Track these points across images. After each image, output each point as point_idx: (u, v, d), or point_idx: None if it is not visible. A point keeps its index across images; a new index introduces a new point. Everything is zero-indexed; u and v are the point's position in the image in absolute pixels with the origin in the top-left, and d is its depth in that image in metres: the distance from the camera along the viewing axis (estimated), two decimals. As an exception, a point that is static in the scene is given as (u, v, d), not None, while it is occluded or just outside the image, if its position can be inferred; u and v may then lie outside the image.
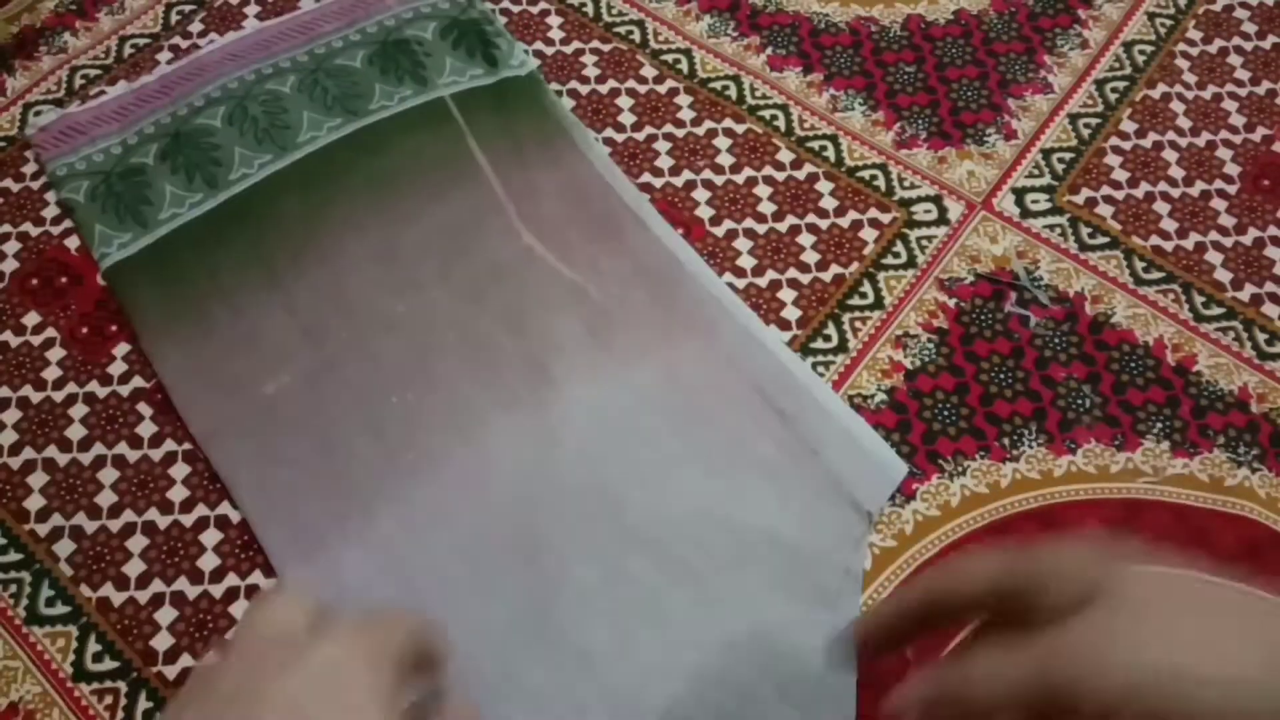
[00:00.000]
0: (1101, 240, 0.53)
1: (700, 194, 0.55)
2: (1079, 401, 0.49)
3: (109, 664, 0.44)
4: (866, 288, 0.52)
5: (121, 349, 0.51)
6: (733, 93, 0.58)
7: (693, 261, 0.52)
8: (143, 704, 0.43)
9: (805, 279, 0.52)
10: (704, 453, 0.47)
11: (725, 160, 0.56)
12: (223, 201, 0.53)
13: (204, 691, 0.31)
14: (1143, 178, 0.55)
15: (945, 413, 0.49)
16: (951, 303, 0.52)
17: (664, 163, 0.56)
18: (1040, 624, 0.30)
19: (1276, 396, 0.49)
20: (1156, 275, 0.52)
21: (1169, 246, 0.53)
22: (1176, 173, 0.55)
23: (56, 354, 0.51)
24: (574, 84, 0.58)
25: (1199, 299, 0.52)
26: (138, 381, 0.50)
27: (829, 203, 0.55)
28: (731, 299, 0.51)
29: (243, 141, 0.55)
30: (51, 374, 0.50)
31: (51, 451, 0.48)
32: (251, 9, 0.61)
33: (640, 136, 0.57)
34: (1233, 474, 0.47)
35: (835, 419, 0.47)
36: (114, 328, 0.51)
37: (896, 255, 0.53)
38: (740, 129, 0.57)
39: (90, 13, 0.62)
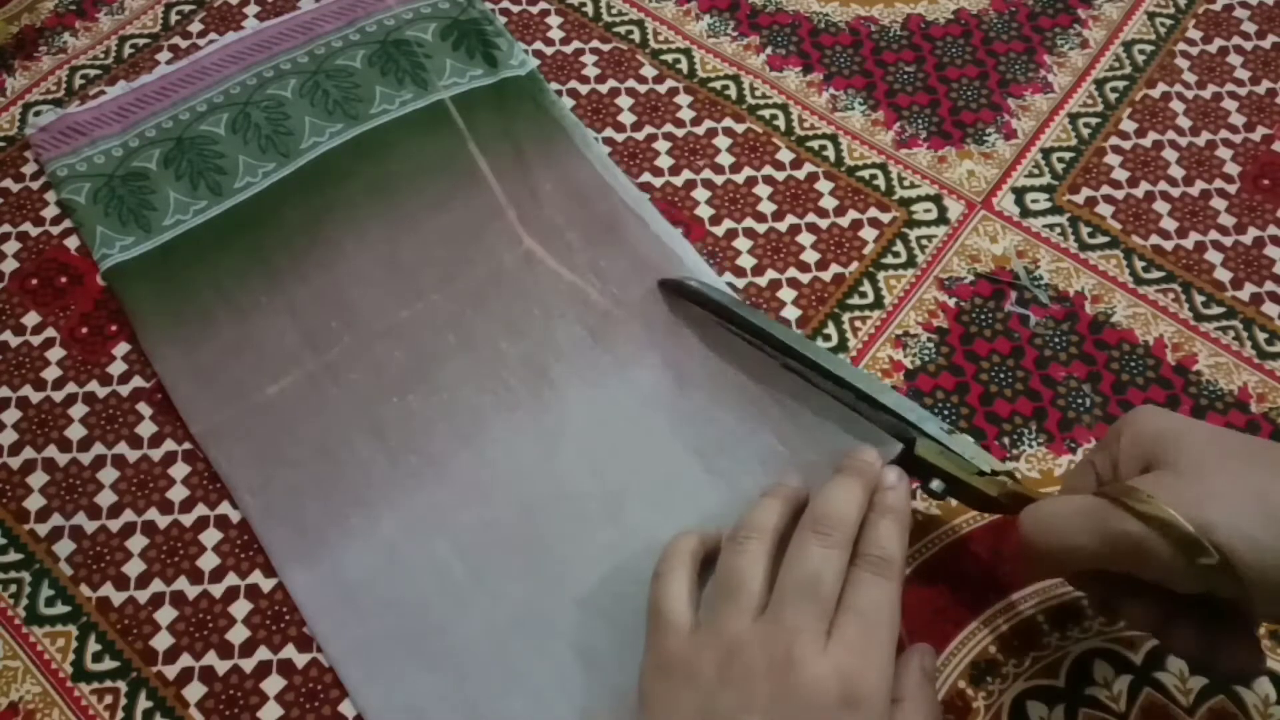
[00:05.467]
0: (1101, 240, 0.53)
1: (700, 193, 0.55)
2: (1079, 401, 0.49)
3: (109, 664, 0.44)
4: (866, 287, 0.52)
5: (121, 349, 0.51)
6: (732, 92, 0.58)
7: (691, 256, 0.52)
8: (143, 704, 0.43)
9: (805, 278, 0.52)
10: (705, 451, 0.47)
11: (725, 160, 0.56)
12: (227, 209, 0.54)
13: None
14: (1143, 177, 0.55)
15: (945, 412, 0.49)
16: (951, 302, 0.52)
17: (664, 162, 0.56)
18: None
19: (1276, 396, 0.49)
20: (1156, 275, 0.52)
21: (1169, 246, 0.53)
22: (1176, 172, 0.55)
23: (56, 354, 0.51)
24: (574, 84, 0.59)
25: (1199, 298, 0.52)
26: (138, 381, 0.50)
27: (829, 202, 0.55)
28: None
29: (246, 150, 0.55)
30: (51, 374, 0.50)
31: (51, 451, 0.48)
32: (251, 9, 0.61)
33: (640, 136, 0.57)
34: (1233, 473, 0.47)
35: (838, 402, 0.47)
36: (114, 328, 0.51)
37: (896, 255, 0.53)
38: (740, 129, 0.57)
39: (90, 13, 0.62)
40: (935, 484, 0.42)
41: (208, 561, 0.46)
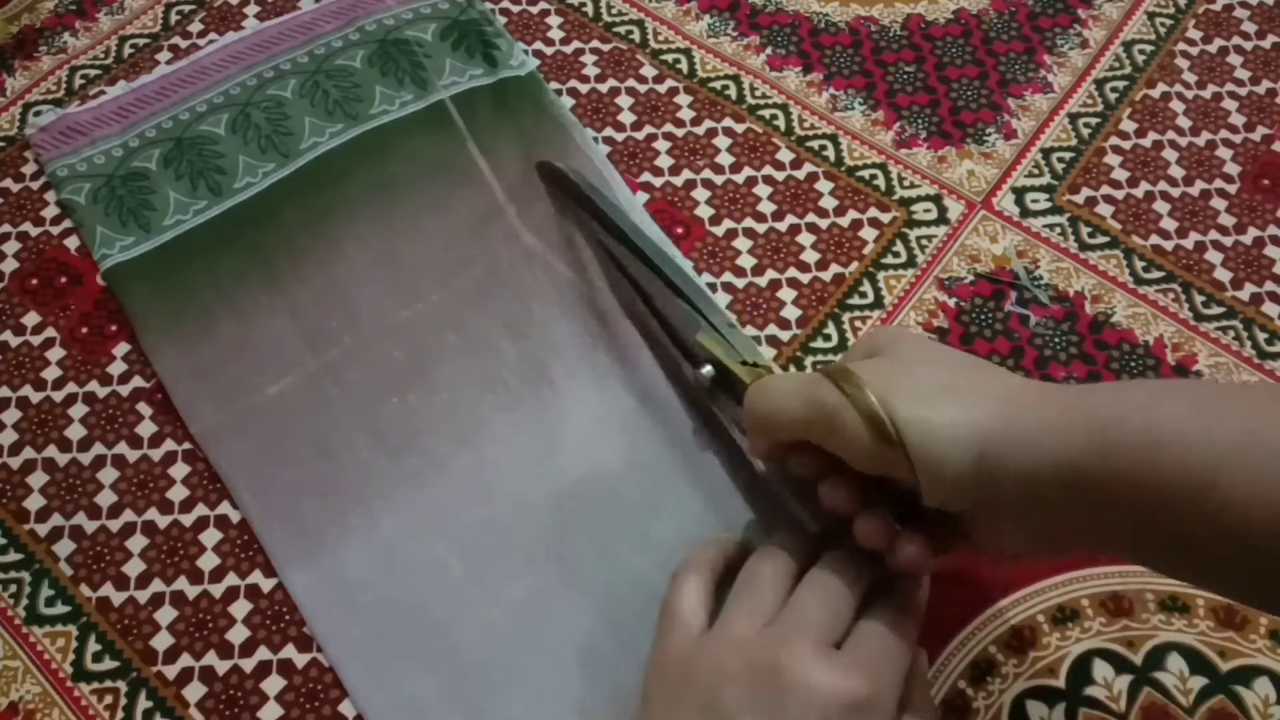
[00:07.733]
0: (1101, 240, 0.53)
1: (700, 193, 0.55)
2: (1079, 401, 0.49)
3: (109, 664, 0.44)
4: (866, 287, 0.52)
5: (121, 349, 0.51)
6: (732, 92, 0.58)
7: (683, 261, 0.52)
8: (143, 704, 0.43)
9: (805, 279, 0.52)
10: (704, 450, 0.47)
11: (725, 160, 0.56)
12: (227, 209, 0.54)
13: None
14: (1143, 177, 0.55)
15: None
16: (951, 302, 0.52)
17: (664, 162, 0.56)
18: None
19: (1277, 396, 0.49)
20: (1156, 275, 0.52)
21: (1169, 246, 0.53)
22: (1176, 172, 0.55)
23: (56, 354, 0.51)
24: (574, 83, 0.59)
25: (1199, 298, 0.52)
26: (138, 381, 0.50)
27: (829, 202, 0.55)
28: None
29: (246, 150, 0.55)
30: (51, 374, 0.50)
31: (51, 451, 0.48)
32: (251, 9, 0.61)
33: (640, 136, 0.57)
34: (1233, 473, 0.47)
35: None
36: (114, 328, 0.51)
37: (896, 255, 0.53)
38: (740, 129, 0.57)
39: (90, 13, 0.62)
40: (706, 369, 0.44)
41: (208, 561, 0.46)
